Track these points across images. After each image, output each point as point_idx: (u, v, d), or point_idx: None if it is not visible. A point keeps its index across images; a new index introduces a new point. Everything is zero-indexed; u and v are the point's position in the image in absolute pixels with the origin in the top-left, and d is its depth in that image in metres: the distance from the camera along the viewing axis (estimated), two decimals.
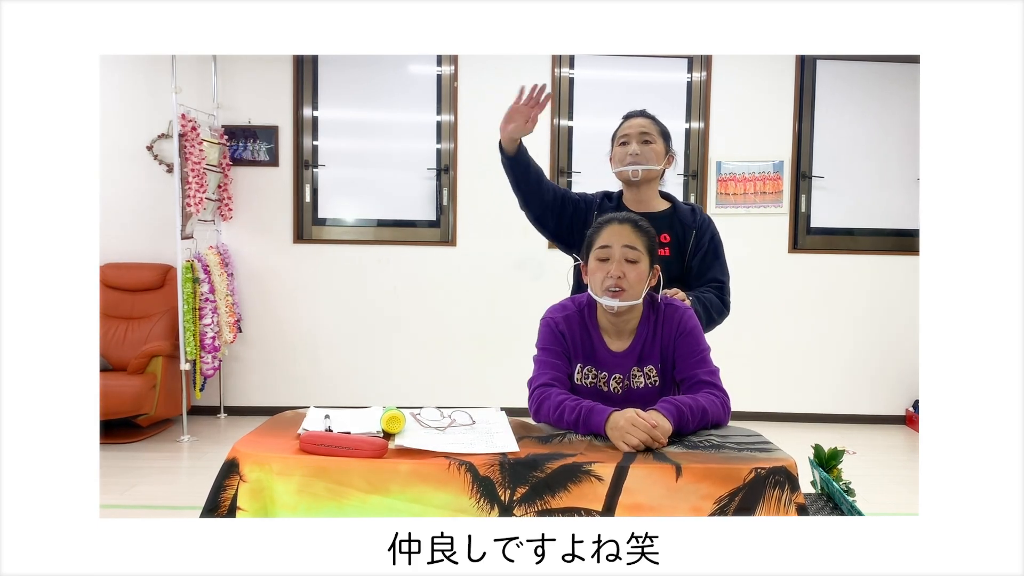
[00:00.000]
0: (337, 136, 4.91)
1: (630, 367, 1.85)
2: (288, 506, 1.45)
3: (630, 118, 2.28)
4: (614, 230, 1.83)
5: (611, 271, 1.79)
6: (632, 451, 1.53)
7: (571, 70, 4.85)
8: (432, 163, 4.88)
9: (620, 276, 1.78)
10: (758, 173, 4.82)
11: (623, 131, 2.25)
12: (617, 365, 1.85)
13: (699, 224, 2.24)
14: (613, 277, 1.79)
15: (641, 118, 2.26)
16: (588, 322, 1.87)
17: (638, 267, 1.81)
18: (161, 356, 4.31)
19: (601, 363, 1.86)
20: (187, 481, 3.73)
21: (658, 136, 2.23)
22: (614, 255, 1.81)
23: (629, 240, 1.82)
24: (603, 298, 1.80)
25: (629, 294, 1.79)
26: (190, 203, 4.23)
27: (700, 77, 4.85)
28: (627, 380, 1.85)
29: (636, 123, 2.24)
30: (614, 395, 1.84)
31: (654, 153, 2.21)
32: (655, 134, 2.23)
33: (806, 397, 4.90)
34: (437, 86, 4.87)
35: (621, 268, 1.79)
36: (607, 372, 1.85)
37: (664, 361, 1.85)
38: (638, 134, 2.21)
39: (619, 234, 1.82)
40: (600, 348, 1.86)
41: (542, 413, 1.75)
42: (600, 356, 1.86)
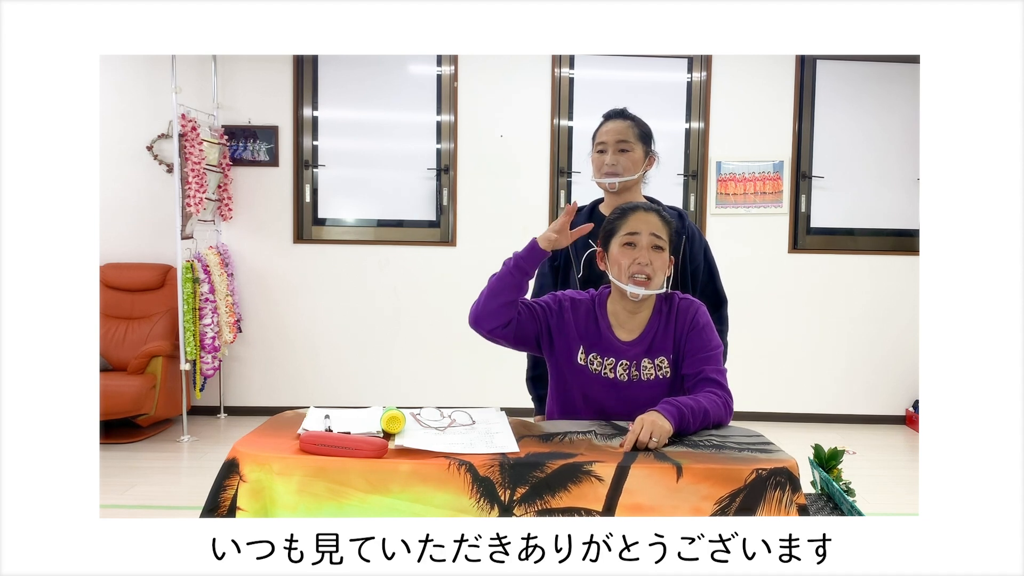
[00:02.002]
0: (337, 136, 4.91)
1: (640, 356, 1.84)
2: (288, 506, 1.45)
3: (608, 120, 2.18)
4: (641, 217, 1.83)
5: (639, 257, 1.79)
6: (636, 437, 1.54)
7: (571, 70, 4.85)
8: (432, 163, 4.89)
9: (648, 263, 1.79)
10: (758, 173, 4.82)
11: (600, 136, 2.16)
12: (625, 352, 1.85)
13: (690, 232, 2.17)
14: (641, 263, 1.78)
15: (619, 121, 2.16)
16: (598, 311, 1.87)
17: (663, 255, 1.82)
18: (161, 356, 4.31)
19: (608, 350, 1.85)
20: (187, 481, 3.73)
21: (636, 141, 2.13)
22: (641, 242, 1.80)
23: (656, 228, 1.82)
24: (628, 285, 1.79)
25: (653, 283, 1.80)
26: (190, 203, 4.23)
27: (700, 77, 4.85)
28: (636, 369, 1.84)
29: (613, 129, 2.14)
30: (620, 382, 1.84)
31: (631, 161, 2.12)
32: (633, 140, 2.13)
33: (806, 397, 4.90)
34: (437, 86, 4.87)
35: (649, 255, 1.79)
36: (614, 358, 1.85)
37: (676, 353, 1.85)
38: (615, 142, 2.12)
39: (646, 221, 1.82)
40: (608, 336, 1.86)
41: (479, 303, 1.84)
42: (607, 343, 1.85)
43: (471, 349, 4.86)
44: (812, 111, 4.89)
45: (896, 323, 4.87)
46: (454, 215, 4.84)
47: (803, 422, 4.84)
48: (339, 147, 4.92)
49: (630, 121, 2.17)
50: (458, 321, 4.87)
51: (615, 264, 1.83)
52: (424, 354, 4.87)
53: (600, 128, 2.19)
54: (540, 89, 4.80)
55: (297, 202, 4.86)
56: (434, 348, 4.87)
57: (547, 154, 4.79)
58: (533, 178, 4.82)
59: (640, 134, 2.16)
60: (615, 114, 2.19)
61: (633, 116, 2.19)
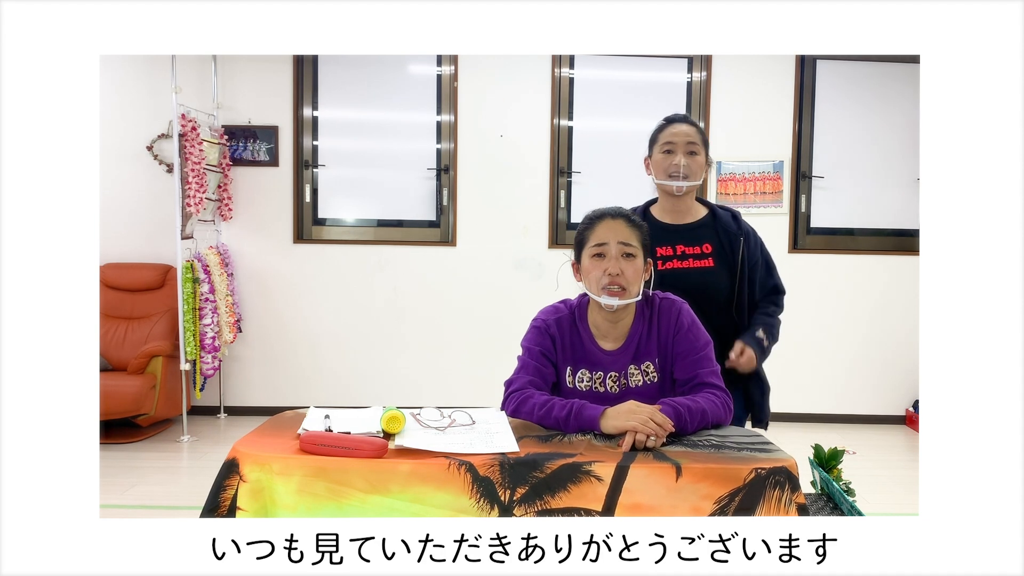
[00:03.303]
0: (337, 136, 4.91)
1: (626, 365, 1.82)
2: (288, 506, 1.45)
3: (674, 123, 2.15)
4: (608, 226, 1.79)
5: (608, 268, 1.75)
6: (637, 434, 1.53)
7: (571, 70, 4.85)
8: (432, 163, 4.89)
9: (618, 273, 1.75)
10: (758, 173, 4.82)
11: (667, 137, 2.13)
12: (612, 363, 1.82)
13: (746, 232, 2.16)
14: (611, 275, 1.75)
15: (687, 125, 2.14)
16: (579, 323, 1.84)
17: (635, 263, 1.77)
18: (161, 356, 4.31)
19: (595, 363, 1.82)
20: (187, 481, 3.73)
21: (702, 146, 2.13)
22: (610, 252, 1.77)
23: (624, 236, 1.78)
24: (602, 297, 1.76)
25: (628, 292, 1.76)
26: (190, 203, 4.23)
27: (700, 77, 4.85)
28: (624, 378, 1.82)
29: (682, 131, 2.12)
30: (611, 395, 1.81)
31: (698, 166, 2.12)
32: (700, 144, 2.12)
33: (806, 397, 4.90)
34: (437, 86, 4.87)
35: (619, 265, 1.75)
36: (602, 371, 1.82)
37: (663, 357, 1.82)
38: (684, 144, 2.10)
39: (613, 230, 1.78)
40: (592, 349, 1.83)
41: (523, 411, 1.71)
42: (593, 357, 1.82)
43: (471, 349, 4.87)
44: (812, 111, 4.89)
45: (896, 323, 4.87)
46: (454, 215, 4.84)
47: (803, 422, 4.84)
48: (339, 147, 4.92)
49: (697, 128, 2.16)
50: (458, 321, 4.89)
51: (587, 276, 1.80)
52: (424, 354, 4.87)
53: (666, 129, 2.16)
54: (540, 89, 4.80)
55: (297, 202, 4.86)
56: (434, 348, 4.87)
57: (547, 154, 4.79)
58: (533, 178, 4.82)
59: (704, 140, 2.16)
60: (681, 118, 2.18)
61: (697, 123, 2.20)
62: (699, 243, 2.15)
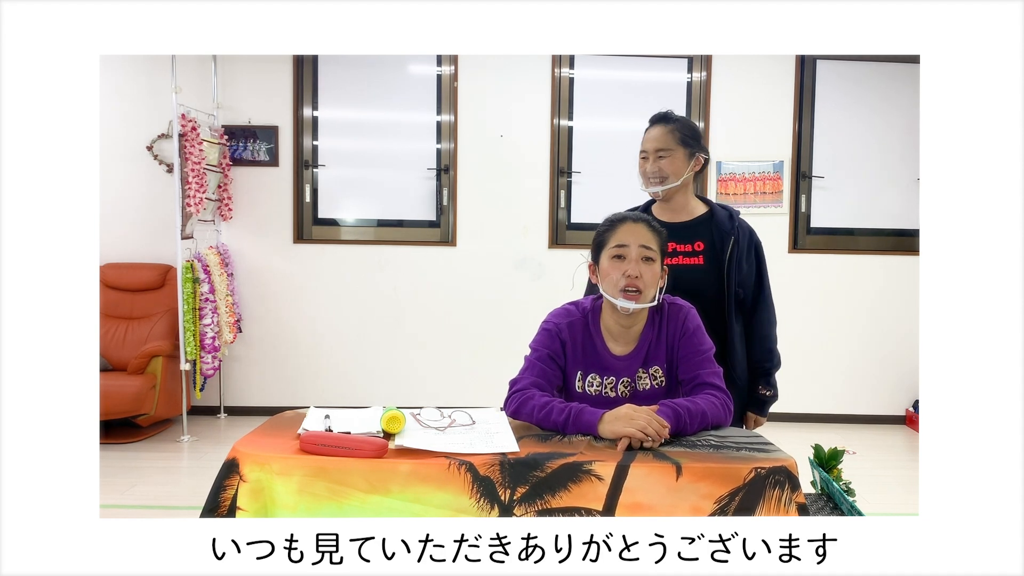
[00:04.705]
0: (337, 136, 4.91)
1: (636, 370, 1.82)
2: (288, 506, 1.45)
3: (650, 126, 2.16)
4: (629, 228, 1.79)
5: (628, 270, 1.75)
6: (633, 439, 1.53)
7: (571, 70, 4.85)
8: (432, 163, 4.89)
9: (638, 276, 1.75)
10: (758, 173, 4.82)
11: (643, 144, 2.15)
12: (623, 369, 1.82)
13: (739, 229, 2.14)
14: (629, 276, 1.75)
15: (658, 128, 2.13)
16: (592, 327, 1.84)
17: (653, 267, 1.78)
18: (161, 356, 4.31)
19: (606, 368, 1.82)
20: (187, 481, 3.73)
21: (677, 146, 2.10)
22: (630, 254, 1.77)
23: (645, 239, 1.78)
24: (618, 300, 1.76)
25: (644, 296, 1.76)
26: (190, 203, 4.23)
27: (700, 77, 4.85)
28: (633, 383, 1.82)
29: (651, 136, 2.13)
30: (621, 399, 1.80)
31: (674, 166, 2.10)
32: (673, 144, 2.10)
33: (806, 397, 4.90)
34: (437, 86, 4.87)
35: (639, 268, 1.75)
36: (614, 377, 1.82)
37: (670, 362, 1.82)
38: (654, 150, 2.11)
39: (635, 233, 1.78)
40: (604, 353, 1.83)
41: (523, 412, 1.70)
42: (605, 361, 1.82)
43: (471, 349, 4.87)
44: (812, 111, 4.89)
45: (896, 323, 4.87)
46: (454, 215, 4.84)
47: (803, 422, 4.84)
48: (339, 147, 4.92)
49: (671, 125, 2.13)
50: (458, 321, 4.89)
51: (605, 277, 1.79)
52: (424, 354, 4.88)
53: (644, 134, 2.16)
54: (540, 89, 4.80)
55: (297, 202, 4.86)
56: (434, 348, 4.87)
57: (547, 154, 4.79)
58: (533, 178, 4.82)
59: (681, 138, 2.12)
60: (657, 119, 2.16)
61: (676, 119, 2.15)
62: (691, 241, 2.13)
